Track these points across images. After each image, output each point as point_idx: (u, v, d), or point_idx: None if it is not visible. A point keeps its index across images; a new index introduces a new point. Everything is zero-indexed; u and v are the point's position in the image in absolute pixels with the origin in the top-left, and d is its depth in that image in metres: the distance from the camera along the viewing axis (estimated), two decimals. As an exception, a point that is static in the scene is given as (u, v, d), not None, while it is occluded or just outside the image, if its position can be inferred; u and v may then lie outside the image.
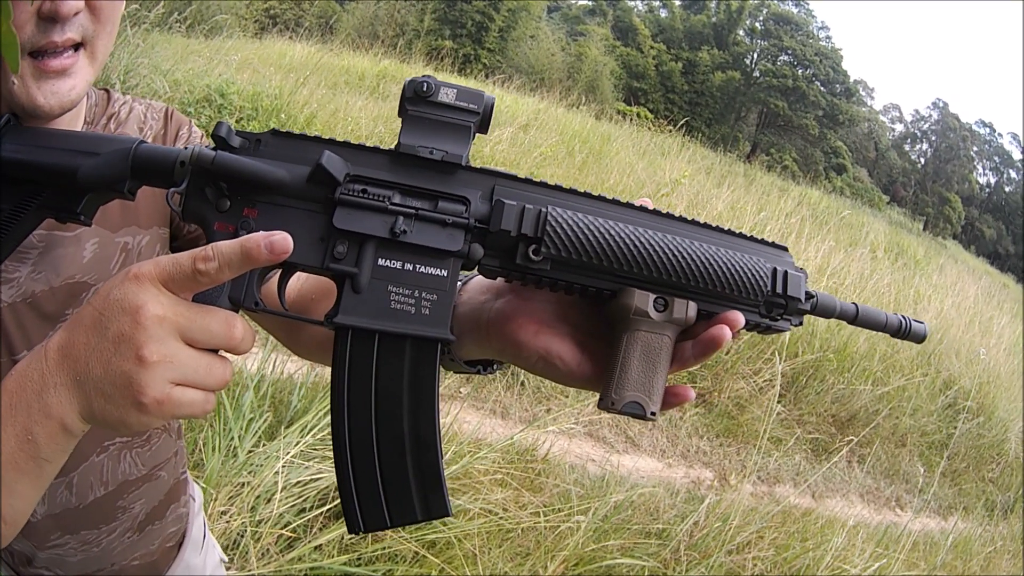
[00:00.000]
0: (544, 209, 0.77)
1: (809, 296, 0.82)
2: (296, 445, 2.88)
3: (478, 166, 0.81)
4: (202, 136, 1.26)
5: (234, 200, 0.78)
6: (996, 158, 67.40)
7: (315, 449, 2.95)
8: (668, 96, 44.04)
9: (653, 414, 0.78)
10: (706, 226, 0.82)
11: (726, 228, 0.83)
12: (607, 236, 0.76)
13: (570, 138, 11.78)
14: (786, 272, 0.80)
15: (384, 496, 0.80)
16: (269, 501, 2.65)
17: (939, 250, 27.37)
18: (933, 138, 63.92)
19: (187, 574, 1.42)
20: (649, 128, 17.38)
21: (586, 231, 0.76)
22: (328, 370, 3.43)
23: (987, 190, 66.80)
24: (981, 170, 66.86)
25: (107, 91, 1.17)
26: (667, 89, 44.28)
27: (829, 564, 3.76)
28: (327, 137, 0.80)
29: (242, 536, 2.58)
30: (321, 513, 2.81)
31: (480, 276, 0.89)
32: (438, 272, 0.78)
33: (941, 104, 67.29)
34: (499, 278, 0.82)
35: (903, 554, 4.29)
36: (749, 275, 0.78)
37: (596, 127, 14.79)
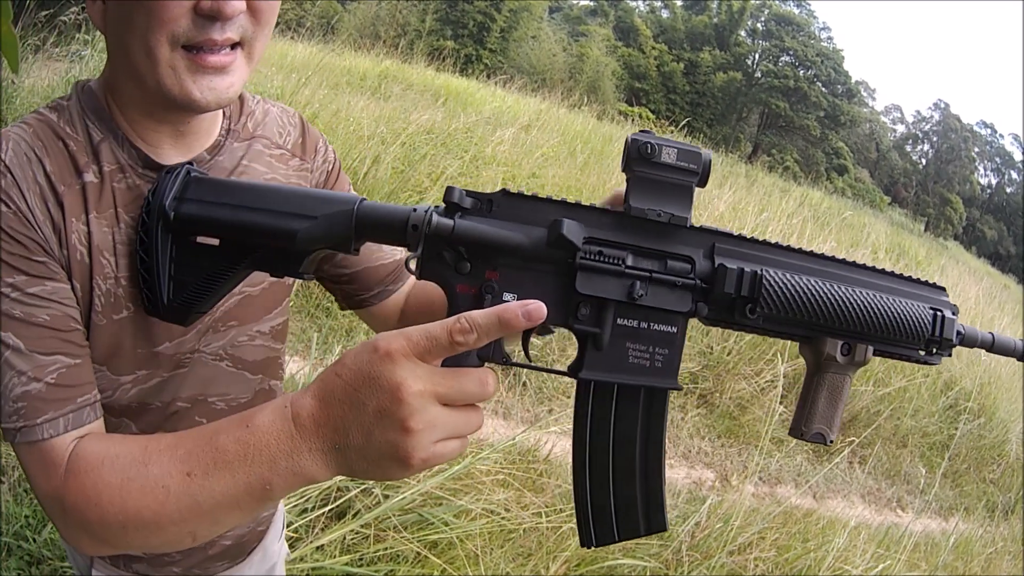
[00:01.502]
0: (759, 272, 0.85)
1: (959, 333, 0.94)
2: (298, 445, 2.88)
3: (698, 226, 0.86)
4: (336, 158, 1.27)
5: (474, 263, 0.82)
6: (997, 159, 67.36)
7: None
8: (670, 97, 44.05)
9: (832, 440, 0.91)
10: (883, 272, 0.93)
11: (897, 272, 0.94)
12: (810, 295, 0.85)
13: (572, 139, 11.77)
14: (944, 317, 0.91)
15: (615, 517, 0.90)
16: (272, 501, 2.65)
17: (940, 251, 27.35)
18: (934, 139, 63.86)
19: (265, 558, 1.42)
20: (651, 129, 17.35)
21: (794, 292, 0.85)
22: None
23: (988, 191, 66.75)
24: (982, 171, 66.84)
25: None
26: (669, 90, 44.29)
27: (831, 565, 3.75)
28: (558, 198, 0.84)
29: (244, 536, 2.58)
30: (323, 513, 2.81)
31: None
32: (670, 329, 0.86)
33: (942, 105, 67.25)
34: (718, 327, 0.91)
35: (904, 555, 4.29)
36: (917, 322, 0.89)
37: (598, 128, 14.79)
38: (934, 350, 0.93)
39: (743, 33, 49.02)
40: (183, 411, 1.11)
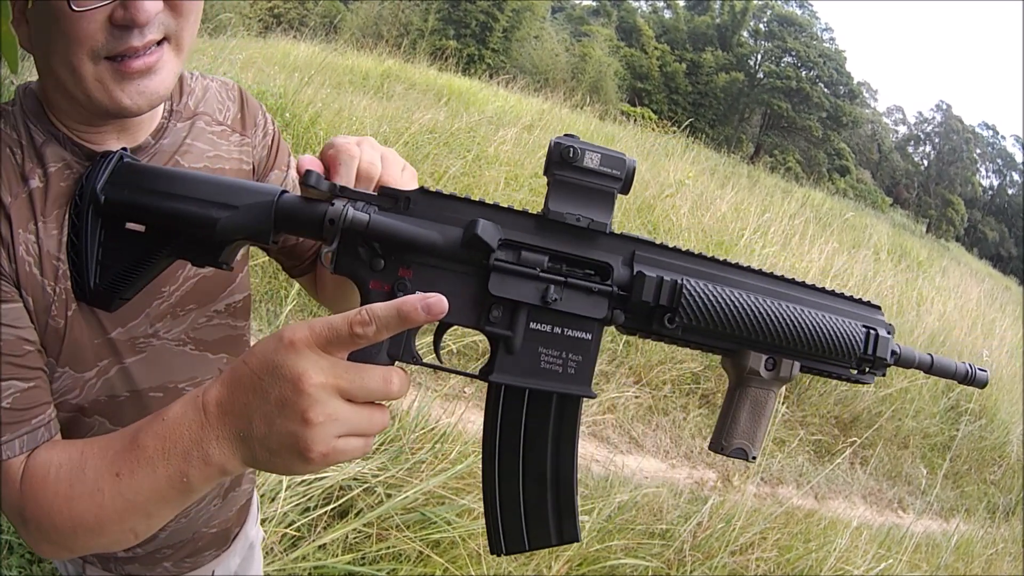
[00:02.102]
0: (679, 281, 0.84)
1: (894, 353, 0.92)
2: (301, 444, 2.88)
3: (618, 232, 0.85)
4: (275, 129, 1.26)
5: (388, 259, 0.81)
6: (999, 160, 67.29)
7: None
8: (672, 97, 44.01)
9: (754, 457, 0.90)
10: (814, 288, 0.92)
11: (830, 289, 0.93)
12: (732, 307, 0.85)
13: (574, 139, 11.73)
14: (877, 335, 0.90)
15: (525, 523, 0.89)
16: (273, 500, 2.66)
17: (942, 252, 27.34)
18: (936, 140, 63.79)
19: (247, 542, 1.46)
20: (653, 129, 17.35)
21: (715, 303, 0.84)
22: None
23: (990, 192, 66.69)
24: (984, 172, 66.78)
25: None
26: (671, 90, 44.25)
27: (832, 565, 3.76)
28: (476, 198, 0.83)
29: (247, 534, 2.59)
30: (325, 512, 2.81)
31: None
32: (584, 336, 0.85)
33: (944, 106, 67.15)
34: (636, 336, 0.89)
35: (906, 555, 4.29)
36: (848, 340, 0.88)
37: (600, 128, 14.78)
38: (866, 369, 0.92)
39: (745, 34, 48.97)
40: (156, 400, 1.12)
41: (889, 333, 0.92)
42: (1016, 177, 66.71)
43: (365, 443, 0.78)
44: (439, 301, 0.73)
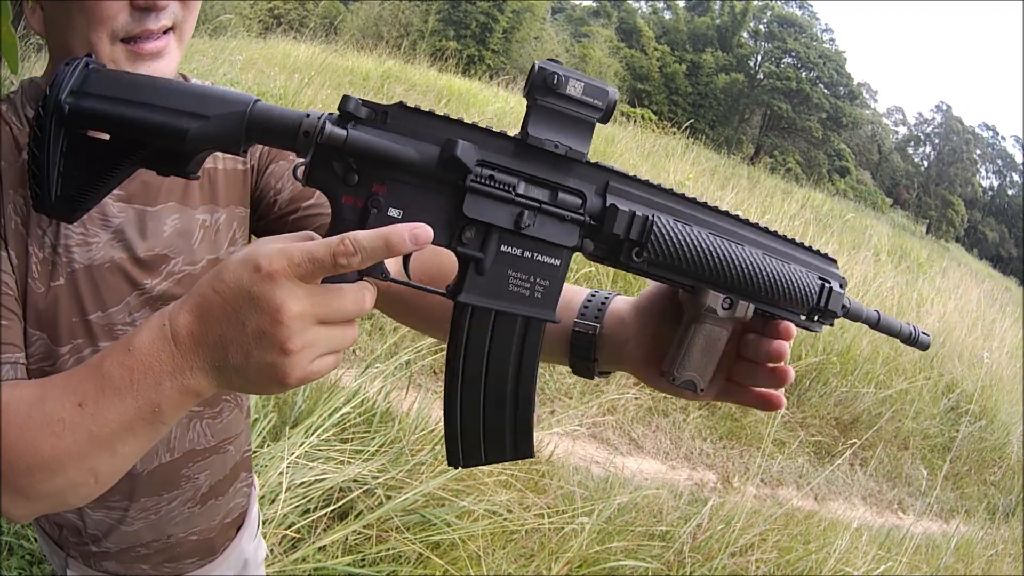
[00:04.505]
0: (650, 217, 0.86)
1: (844, 307, 0.97)
2: (301, 446, 2.89)
3: (595, 162, 0.86)
4: None
5: (362, 175, 0.79)
6: (999, 161, 67.31)
7: (319, 450, 2.96)
8: (672, 98, 44.03)
9: (702, 390, 0.93)
10: (781, 237, 0.96)
11: (795, 239, 0.97)
12: (699, 247, 0.87)
13: (574, 139, 11.73)
14: (831, 289, 0.95)
15: (483, 440, 0.90)
16: (273, 502, 2.66)
17: (942, 253, 27.33)
18: (936, 141, 63.83)
19: (240, 558, 1.44)
20: (653, 130, 17.37)
21: (683, 241, 0.86)
22: (333, 374, 3.41)
23: (990, 193, 66.72)
24: (984, 173, 66.81)
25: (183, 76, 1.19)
26: (671, 91, 44.27)
27: (832, 567, 3.76)
28: (456, 117, 0.81)
29: (247, 536, 2.59)
30: (325, 514, 2.81)
31: (613, 309, 1.02)
32: (553, 261, 0.85)
33: (944, 107, 67.14)
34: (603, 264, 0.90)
35: (906, 557, 4.29)
36: (803, 290, 0.92)
37: (600, 128, 14.66)
38: (816, 317, 0.96)
39: (745, 35, 48.99)
40: None
41: (842, 287, 0.97)
42: (1016, 178, 66.76)
43: (336, 359, 0.79)
44: (426, 232, 0.74)
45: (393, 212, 0.80)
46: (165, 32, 0.98)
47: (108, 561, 1.25)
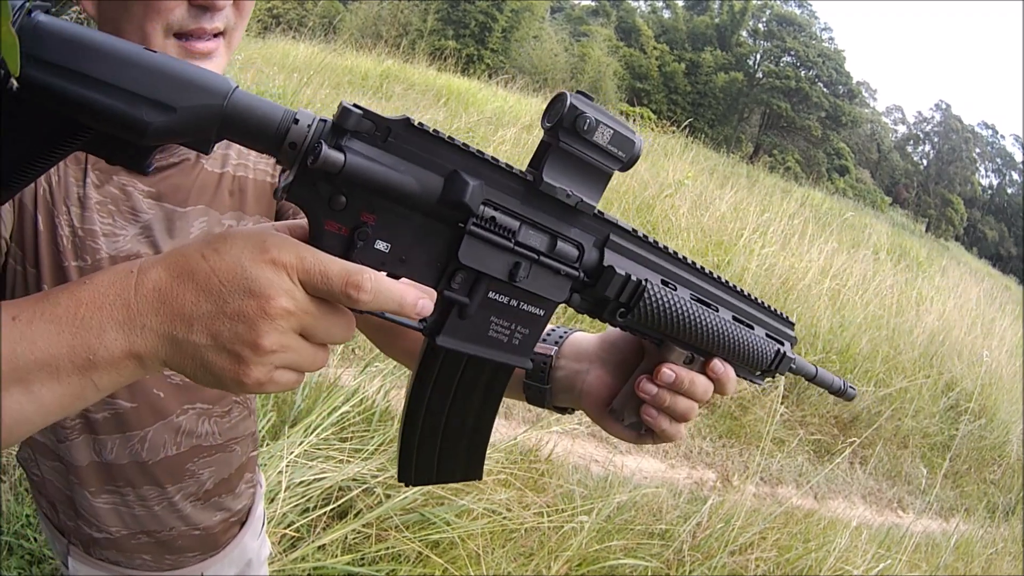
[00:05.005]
0: (643, 283, 0.85)
1: (791, 368, 1.03)
2: (300, 445, 2.89)
3: (599, 212, 0.81)
4: None
5: (351, 199, 0.69)
6: (998, 160, 67.34)
7: (319, 449, 2.96)
8: (671, 97, 44.04)
9: (644, 432, 0.97)
10: (747, 297, 0.98)
11: (763, 302, 1.01)
12: (681, 317, 0.88)
13: (573, 139, 11.72)
14: (784, 355, 1.00)
15: (437, 462, 0.90)
16: (273, 501, 2.66)
17: (941, 252, 27.32)
18: (936, 140, 63.86)
19: (243, 556, 1.44)
20: (652, 129, 17.36)
21: (667, 309, 0.87)
22: (331, 372, 3.41)
23: (989, 192, 66.74)
24: (983, 172, 66.85)
25: None
26: (670, 90, 44.27)
27: (832, 565, 3.76)
28: (464, 145, 0.72)
29: (246, 535, 2.59)
30: (325, 513, 2.81)
31: (573, 341, 1.02)
32: (538, 312, 0.83)
33: (944, 106, 67.23)
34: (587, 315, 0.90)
35: (905, 555, 4.29)
36: (761, 356, 0.97)
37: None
38: (760, 374, 1.03)
39: (744, 33, 48.99)
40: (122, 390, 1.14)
41: (792, 347, 1.04)
42: (1015, 176, 66.78)
43: (298, 379, 0.71)
44: (428, 309, 0.71)
45: (380, 245, 0.71)
46: (216, 36, 0.99)
47: (109, 550, 1.25)
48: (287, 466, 2.78)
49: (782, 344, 1.01)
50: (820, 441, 6.11)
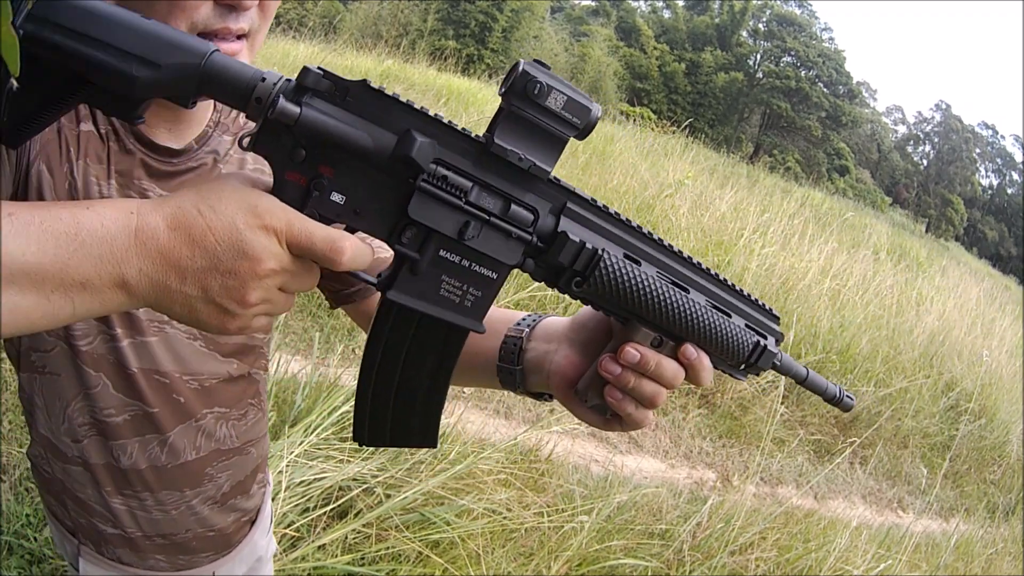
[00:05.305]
0: (599, 251, 0.83)
1: (775, 365, 0.98)
2: (300, 445, 2.89)
3: (556, 179, 0.82)
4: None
5: (310, 152, 0.75)
6: (999, 160, 67.39)
7: (319, 448, 2.96)
8: (671, 97, 44.05)
9: (612, 413, 0.94)
10: (727, 285, 0.94)
11: (744, 292, 0.96)
12: (640, 289, 0.85)
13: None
14: (765, 348, 0.95)
15: (390, 425, 0.91)
16: (273, 500, 2.66)
17: (941, 252, 27.34)
18: (936, 140, 63.88)
19: (253, 554, 1.45)
20: (652, 129, 17.35)
21: (625, 281, 0.84)
22: (331, 372, 3.40)
23: (989, 192, 66.78)
24: (983, 172, 66.92)
25: None
26: (670, 90, 44.29)
27: (832, 565, 3.76)
28: (419, 106, 0.76)
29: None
30: (325, 512, 2.81)
31: (545, 324, 1.02)
32: (490, 274, 0.83)
33: (944, 106, 67.25)
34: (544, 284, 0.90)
35: (905, 555, 4.29)
36: (736, 345, 0.93)
37: (600, 128, 14.77)
38: (742, 367, 0.98)
39: (745, 33, 49.02)
40: (156, 383, 1.15)
41: (778, 343, 0.99)
42: (1016, 176, 66.82)
43: (271, 322, 0.80)
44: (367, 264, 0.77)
45: (336, 197, 0.76)
46: (240, 37, 0.97)
47: (122, 548, 1.25)
48: (287, 466, 2.78)
49: (764, 337, 0.96)
50: (820, 441, 6.11)
